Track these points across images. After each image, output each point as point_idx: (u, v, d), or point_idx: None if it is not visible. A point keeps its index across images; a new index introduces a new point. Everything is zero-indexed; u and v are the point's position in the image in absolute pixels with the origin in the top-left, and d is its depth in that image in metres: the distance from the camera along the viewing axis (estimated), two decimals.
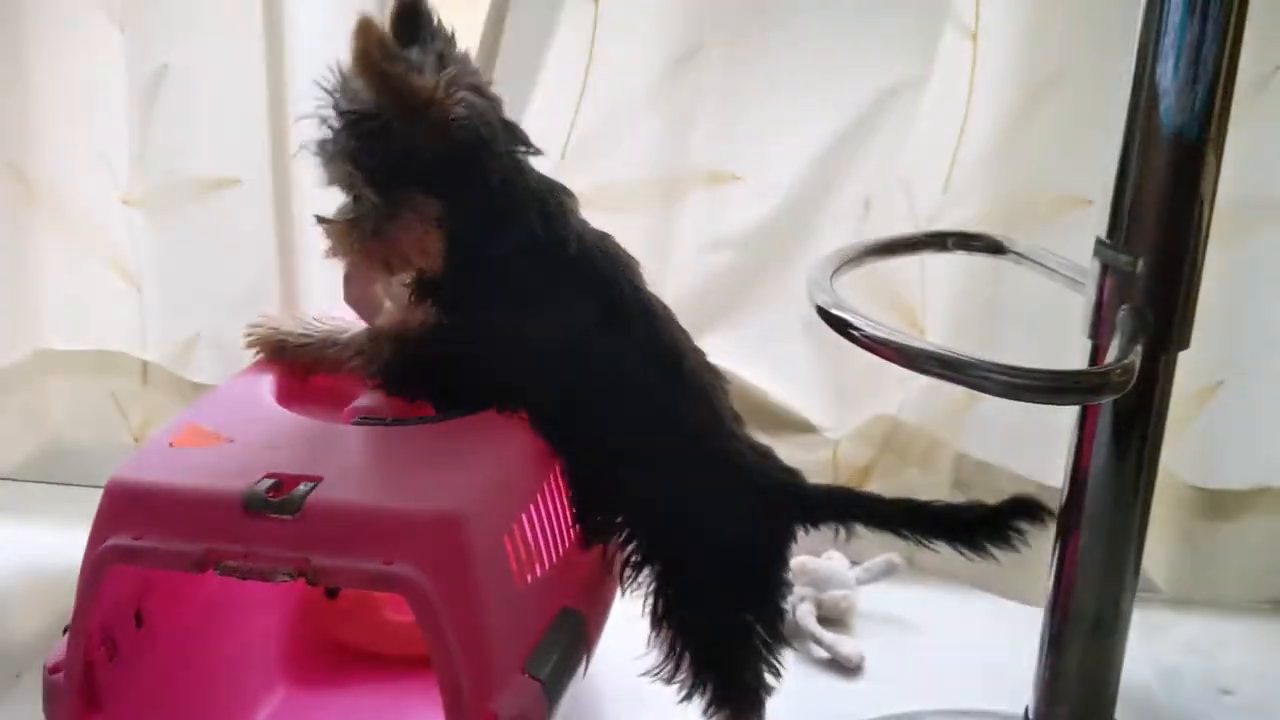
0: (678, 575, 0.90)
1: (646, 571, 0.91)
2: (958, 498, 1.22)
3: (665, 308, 0.94)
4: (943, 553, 1.22)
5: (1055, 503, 1.11)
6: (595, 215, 0.94)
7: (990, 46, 1.13)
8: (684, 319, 0.95)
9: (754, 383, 1.25)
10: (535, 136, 1.14)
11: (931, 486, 1.23)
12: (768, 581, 0.91)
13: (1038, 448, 1.18)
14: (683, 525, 0.89)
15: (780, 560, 0.92)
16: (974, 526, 0.89)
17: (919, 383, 1.22)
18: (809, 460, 1.21)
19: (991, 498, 1.18)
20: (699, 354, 0.94)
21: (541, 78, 1.14)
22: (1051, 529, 0.91)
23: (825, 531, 0.95)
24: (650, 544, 0.91)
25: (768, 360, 1.25)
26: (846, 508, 0.92)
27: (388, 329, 0.93)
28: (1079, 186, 1.12)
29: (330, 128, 0.84)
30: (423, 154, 0.84)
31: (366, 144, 0.84)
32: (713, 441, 0.91)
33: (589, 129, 1.18)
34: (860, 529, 0.91)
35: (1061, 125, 1.11)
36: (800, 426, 1.25)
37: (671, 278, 1.21)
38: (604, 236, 0.94)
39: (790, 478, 0.92)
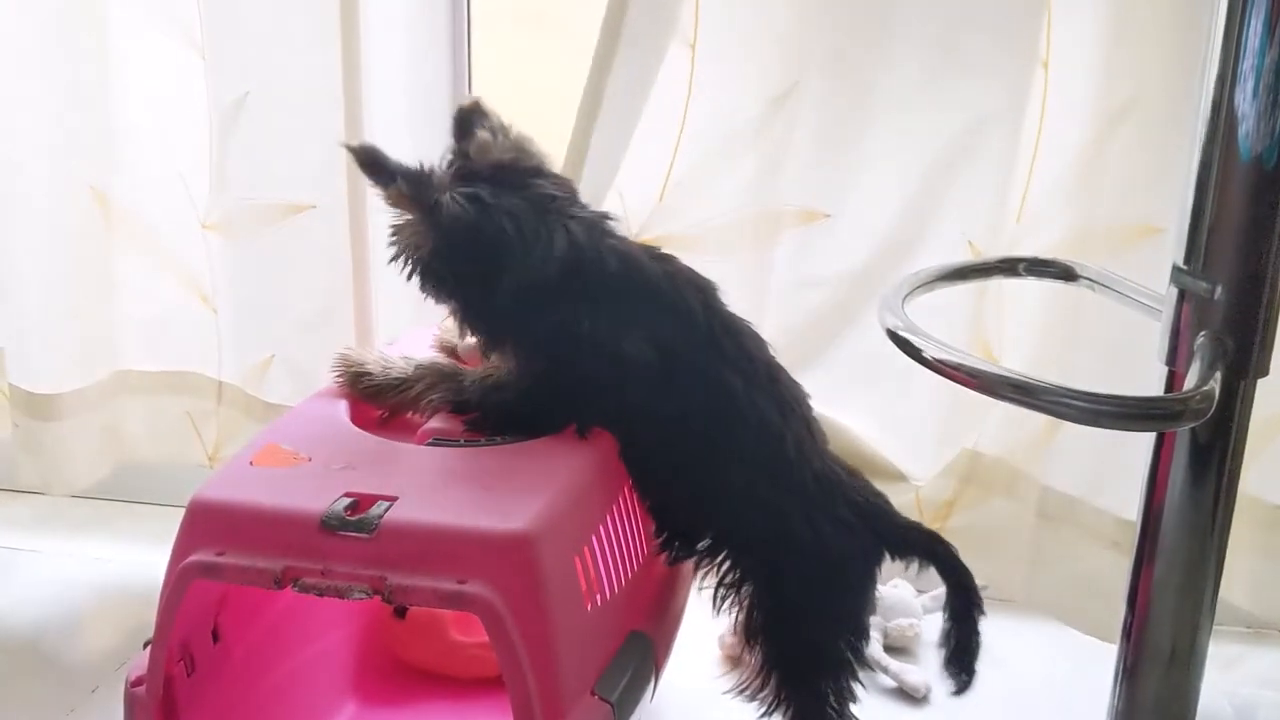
0: (773, 594, 0.91)
1: (742, 590, 0.92)
2: (1043, 530, 1.20)
3: (749, 326, 0.95)
4: (1012, 582, 1.22)
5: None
6: (691, 257, 0.96)
7: (1063, 74, 1.11)
8: (781, 358, 0.96)
9: (846, 425, 1.23)
10: (633, 180, 1.18)
11: (1015, 518, 1.21)
12: (857, 602, 0.92)
13: (1118, 482, 1.16)
14: (780, 543, 0.90)
15: (870, 582, 0.93)
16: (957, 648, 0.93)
17: (997, 414, 1.20)
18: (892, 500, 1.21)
19: (1076, 531, 1.19)
20: (785, 371, 0.95)
21: (641, 122, 1.15)
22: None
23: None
24: (746, 563, 0.91)
25: (862, 402, 1.23)
26: (931, 550, 0.93)
27: (473, 373, 0.95)
28: (1153, 215, 1.10)
29: None
30: (427, 253, 0.90)
31: (403, 254, 0.92)
32: (810, 459, 0.91)
33: (686, 171, 1.18)
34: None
35: (1135, 153, 1.10)
36: (890, 474, 1.23)
37: (768, 317, 1.20)
38: (665, 258, 0.95)
39: (882, 502, 0.93)
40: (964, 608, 0.93)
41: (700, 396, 0.90)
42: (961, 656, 0.93)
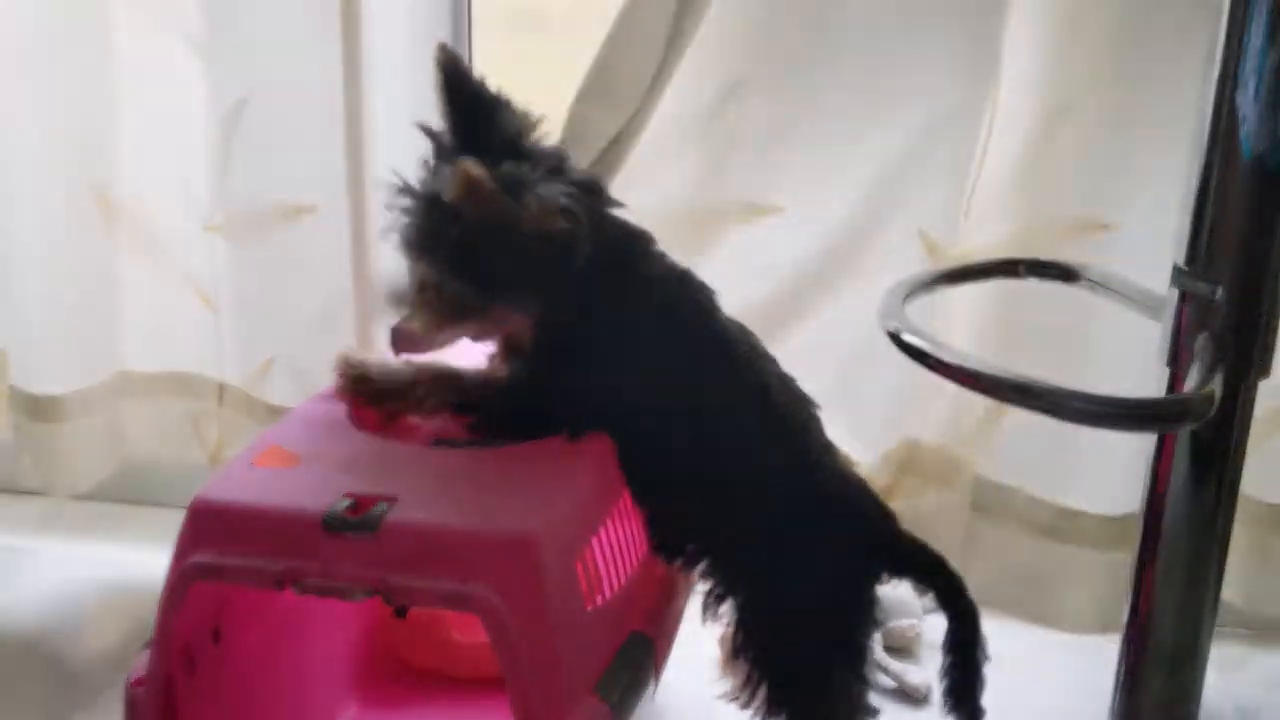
0: (759, 610, 0.89)
1: (728, 604, 0.90)
2: (977, 520, 1.22)
3: (748, 337, 0.94)
4: (1010, 587, 1.23)
5: (1082, 526, 1.14)
6: None
7: (1013, 71, 1.12)
8: None
9: None
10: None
11: (951, 507, 1.22)
12: (851, 621, 0.89)
13: (1056, 470, 1.17)
14: (767, 561, 0.88)
15: (865, 600, 0.90)
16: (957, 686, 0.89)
17: (937, 403, 1.21)
18: None
19: (1009, 520, 1.21)
20: (787, 382, 0.93)
21: None
22: None
23: None
24: (734, 578, 0.90)
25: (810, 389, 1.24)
26: (932, 576, 0.90)
27: (475, 375, 0.94)
28: (1097, 212, 1.11)
29: (420, 233, 0.87)
30: (523, 267, 0.86)
31: (468, 262, 0.86)
32: (799, 477, 0.89)
33: (628, 163, 1.18)
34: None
35: (1080, 150, 1.11)
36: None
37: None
38: (682, 276, 0.94)
39: (883, 519, 0.91)
40: (965, 642, 0.89)
41: (688, 405, 0.89)
42: (963, 693, 0.89)
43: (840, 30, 1.13)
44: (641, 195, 1.17)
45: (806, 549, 0.88)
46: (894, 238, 1.17)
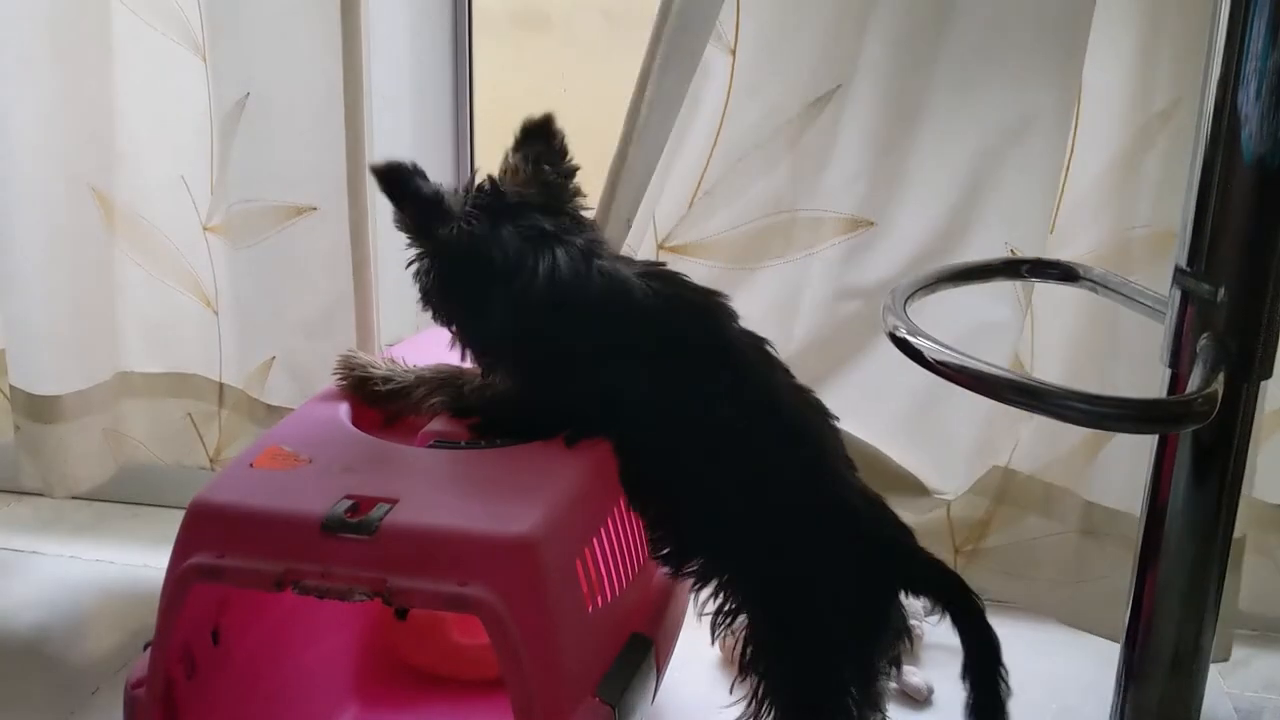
0: (769, 625, 0.87)
1: (736, 621, 0.88)
2: (1087, 545, 1.18)
3: (758, 346, 0.92)
4: (1017, 587, 1.22)
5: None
6: (718, 263, 0.94)
7: (1097, 80, 1.10)
8: (808, 370, 0.94)
9: (871, 440, 1.19)
10: (667, 186, 1.17)
11: (1057, 534, 1.20)
12: (863, 642, 0.87)
13: None
14: (777, 575, 0.86)
15: (879, 622, 0.87)
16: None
17: (1029, 430, 1.19)
18: (924, 520, 1.17)
19: (1121, 545, 1.16)
20: (803, 394, 0.92)
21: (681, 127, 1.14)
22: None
23: None
24: (738, 593, 0.88)
25: (890, 416, 1.20)
26: (948, 594, 0.87)
27: (475, 377, 0.95)
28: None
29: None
30: (427, 279, 0.92)
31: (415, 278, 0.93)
32: (813, 489, 0.87)
33: (718, 176, 1.17)
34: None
35: (1174, 159, 1.07)
36: (916, 489, 1.20)
37: (799, 326, 1.18)
38: (666, 278, 0.93)
39: (901, 535, 0.88)
40: (985, 668, 0.85)
41: (687, 422, 0.88)
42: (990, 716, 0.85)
43: (930, 44, 1.11)
44: (732, 209, 1.17)
45: (818, 564, 0.86)
46: (981, 253, 1.14)
